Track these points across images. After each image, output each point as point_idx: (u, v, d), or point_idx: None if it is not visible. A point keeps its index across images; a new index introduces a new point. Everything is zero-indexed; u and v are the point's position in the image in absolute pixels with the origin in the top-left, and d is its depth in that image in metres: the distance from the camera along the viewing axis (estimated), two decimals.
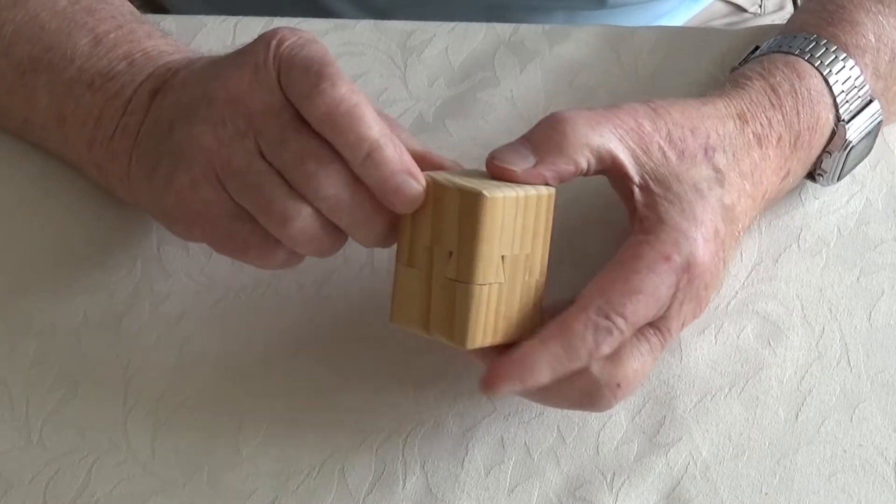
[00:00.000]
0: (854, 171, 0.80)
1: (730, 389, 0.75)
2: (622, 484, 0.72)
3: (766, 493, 0.72)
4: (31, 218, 0.78)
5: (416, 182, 0.67)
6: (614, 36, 0.85)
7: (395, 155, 0.66)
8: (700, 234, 0.69)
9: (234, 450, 0.73)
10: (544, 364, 0.67)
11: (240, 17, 0.85)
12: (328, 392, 0.74)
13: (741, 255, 0.78)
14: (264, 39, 0.68)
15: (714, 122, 0.73)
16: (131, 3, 0.80)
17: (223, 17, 0.85)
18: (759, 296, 0.77)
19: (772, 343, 0.76)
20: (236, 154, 0.67)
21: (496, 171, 0.68)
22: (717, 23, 1.07)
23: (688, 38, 0.86)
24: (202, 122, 0.68)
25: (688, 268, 0.69)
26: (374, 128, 0.66)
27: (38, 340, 0.75)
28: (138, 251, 0.78)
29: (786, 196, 0.80)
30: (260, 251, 0.69)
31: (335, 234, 0.68)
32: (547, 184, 0.68)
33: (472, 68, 0.84)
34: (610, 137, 0.70)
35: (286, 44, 0.67)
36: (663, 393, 0.75)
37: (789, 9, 1.10)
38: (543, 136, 0.69)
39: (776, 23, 0.85)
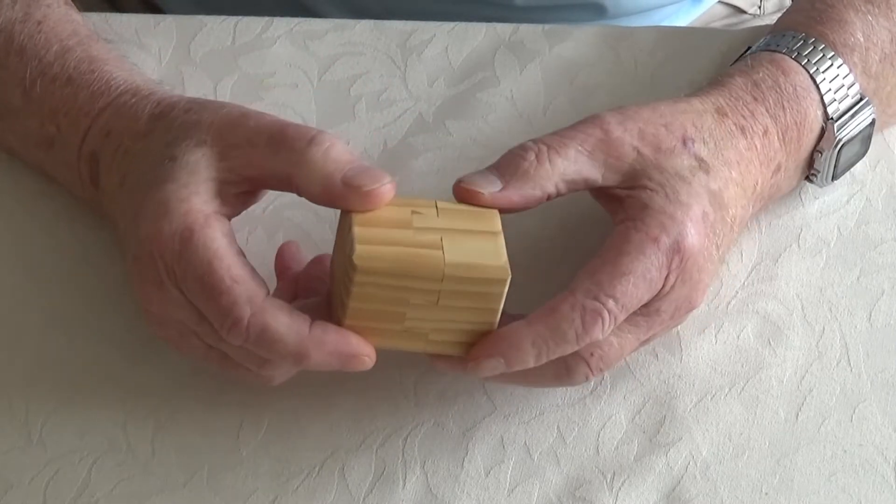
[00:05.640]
0: (854, 170, 0.80)
1: (730, 389, 0.75)
2: (622, 484, 0.72)
3: (766, 493, 0.72)
4: (30, 218, 0.78)
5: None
6: (614, 36, 0.85)
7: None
8: (687, 217, 0.69)
9: (234, 450, 0.73)
10: (529, 343, 0.66)
11: (240, 18, 0.85)
12: (328, 392, 0.74)
13: (741, 254, 0.78)
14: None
15: (690, 116, 0.73)
16: (130, 4, 0.79)
17: (223, 17, 0.85)
18: (759, 296, 0.77)
19: (772, 343, 0.76)
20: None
21: (462, 194, 0.68)
22: (717, 24, 1.07)
23: (688, 38, 0.86)
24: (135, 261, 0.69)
25: (678, 249, 0.69)
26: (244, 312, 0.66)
27: (38, 340, 0.75)
28: None
29: (786, 196, 0.80)
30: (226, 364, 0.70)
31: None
32: (514, 209, 0.68)
33: (472, 68, 0.84)
34: (577, 158, 0.70)
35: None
36: (663, 393, 0.75)
37: None
38: (510, 165, 0.69)
39: None
